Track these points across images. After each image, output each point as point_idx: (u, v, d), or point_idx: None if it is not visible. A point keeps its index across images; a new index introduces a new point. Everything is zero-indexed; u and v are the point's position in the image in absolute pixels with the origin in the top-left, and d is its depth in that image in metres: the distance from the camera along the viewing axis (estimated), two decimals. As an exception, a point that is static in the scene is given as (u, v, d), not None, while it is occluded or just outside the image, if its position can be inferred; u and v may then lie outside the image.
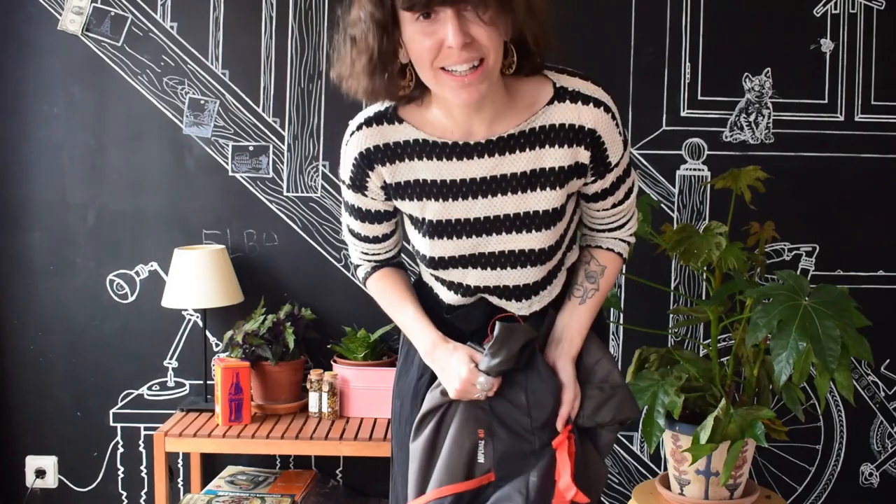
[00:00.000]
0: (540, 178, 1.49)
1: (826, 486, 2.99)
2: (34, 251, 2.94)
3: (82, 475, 3.00)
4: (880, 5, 2.86)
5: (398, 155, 1.50)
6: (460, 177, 1.49)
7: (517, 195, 1.49)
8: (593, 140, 1.48)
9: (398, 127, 1.50)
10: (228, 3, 2.89)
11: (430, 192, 1.51)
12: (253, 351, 2.75)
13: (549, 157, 1.48)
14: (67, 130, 2.92)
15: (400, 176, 1.51)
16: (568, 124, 1.47)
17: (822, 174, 2.90)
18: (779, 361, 2.05)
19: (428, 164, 1.49)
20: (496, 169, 1.48)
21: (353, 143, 1.53)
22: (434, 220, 1.52)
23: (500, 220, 1.51)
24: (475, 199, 1.50)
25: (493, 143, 1.47)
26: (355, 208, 1.61)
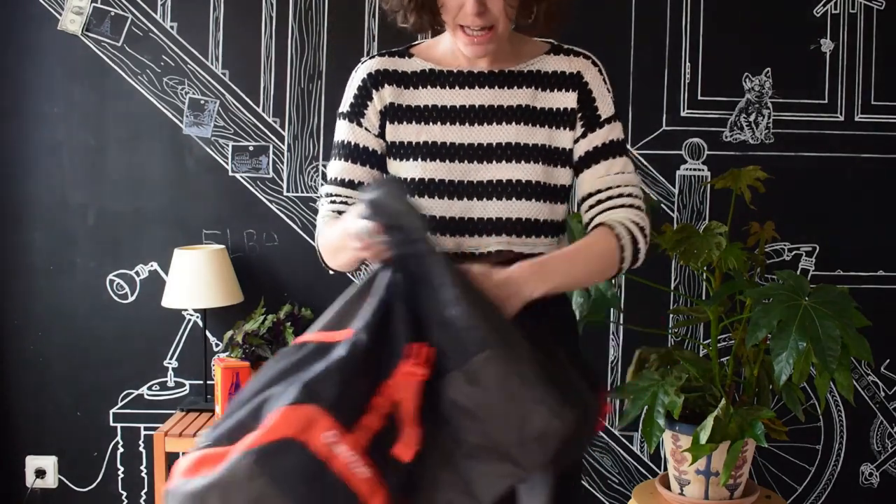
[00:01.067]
0: (535, 115, 1.59)
1: (826, 486, 2.99)
2: (34, 251, 2.94)
3: (82, 475, 3.00)
4: (880, 5, 2.86)
5: (404, 82, 1.61)
6: (460, 103, 1.59)
7: (512, 126, 1.58)
8: (580, 84, 1.60)
9: (408, 60, 1.64)
10: (228, 3, 2.89)
11: (430, 117, 1.60)
12: (253, 351, 2.75)
13: (544, 98, 1.60)
14: (67, 130, 2.92)
15: (403, 100, 1.61)
16: (560, 71, 1.60)
17: (822, 174, 2.90)
18: (779, 361, 2.05)
19: (431, 92, 1.61)
20: (496, 99, 1.59)
21: (361, 69, 1.64)
22: (430, 142, 1.59)
23: (494, 148, 1.58)
24: (472, 125, 1.58)
25: (495, 74, 1.60)
26: (345, 144, 1.64)
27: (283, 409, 1.19)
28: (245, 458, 1.16)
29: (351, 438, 1.18)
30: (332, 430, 1.18)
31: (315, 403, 1.19)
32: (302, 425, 1.17)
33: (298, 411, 1.18)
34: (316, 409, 1.19)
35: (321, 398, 1.19)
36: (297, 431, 1.17)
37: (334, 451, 1.17)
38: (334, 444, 1.17)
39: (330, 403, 1.19)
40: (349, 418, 1.20)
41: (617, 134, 1.61)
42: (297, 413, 1.18)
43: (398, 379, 1.24)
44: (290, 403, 1.19)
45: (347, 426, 1.19)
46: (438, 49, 1.64)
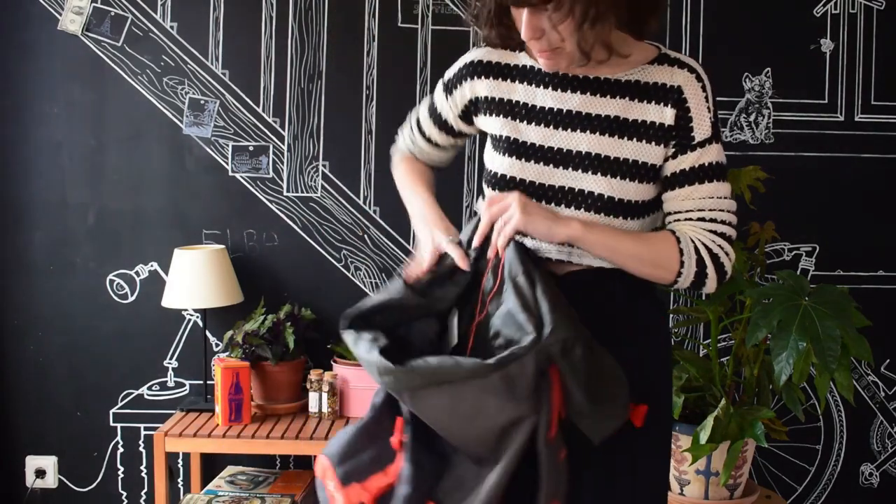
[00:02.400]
0: (625, 127, 1.53)
1: (826, 486, 2.99)
2: (34, 251, 2.94)
3: (82, 475, 3.00)
4: (880, 5, 2.86)
5: (503, 75, 1.62)
6: (550, 105, 1.57)
7: (597, 136, 1.54)
8: (678, 99, 1.52)
9: (516, 53, 1.63)
10: (228, 3, 2.89)
11: (520, 114, 1.59)
12: (253, 351, 2.75)
13: (638, 110, 1.53)
14: (67, 130, 2.92)
15: (497, 92, 1.62)
16: (661, 83, 1.53)
17: (822, 174, 2.90)
18: (779, 361, 2.05)
19: (526, 89, 1.60)
20: (586, 106, 1.55)
21: (471, 52, 1.68)
22: (514, 139, 1.58)
23: (574, 156, 1.54)
24: (557, 129, 1.56)
25: (590, 81, 1.56)
26: (434, 107, 1.76)
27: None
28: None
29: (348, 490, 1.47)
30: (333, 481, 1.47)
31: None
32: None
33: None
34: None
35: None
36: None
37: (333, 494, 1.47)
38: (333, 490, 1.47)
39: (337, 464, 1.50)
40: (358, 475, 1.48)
41: (711, 158, 1.52)
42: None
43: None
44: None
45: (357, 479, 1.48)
46: None
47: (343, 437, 1.51)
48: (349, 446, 1.49)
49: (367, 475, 1.46)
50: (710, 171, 1.53)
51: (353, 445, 1.49)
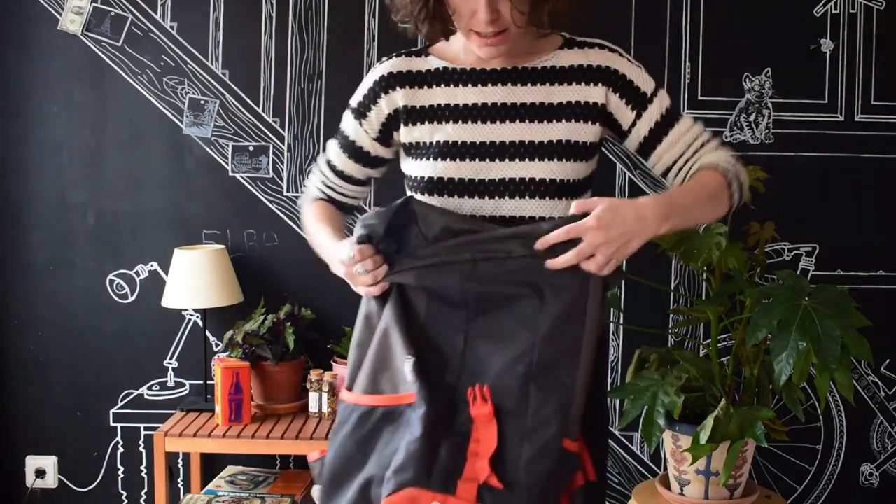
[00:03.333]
0: (550, 111, 1.57)
1: (826, 486, 2.99)
2: (34, 251, 2.94)
3: (82, 475, 3.00)
4: (880, 5, 2.86)
5: (419, 82, 1.63)
6: (473, 101, 1.59)
7: (526, 124, 1.57)
8: (609, 75, 1.58)
9: (424, 59, 1.65)
10: (228, 3, 2.89)
11: (444, 116, 1.60)
12: (253, 351, 2.75)
13: (560, 93, 1.57)
14: (67, 130, 2.92)
15: (417, 100, 1.62)
16: (577, 65, 1.58)
17: (822, 174, 2.90)
18: (779, 361, 2.05)
19: (445, 90, 1.61)
20: (509, 97, 1.58)
21: (378, 68, 1.67)
22: (443, 141, 1.59)
23: (507, 147, 1.57)
24: (485, 123, 1.58)
25: (508, 72, 1.59)
26: (344, 136, 1.71)
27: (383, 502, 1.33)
28: None
29: (453, 500, 1.32)
30: (434, 499, 1.31)
31: (409, 486, 1.32)
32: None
33: (398, 500, 1.32)
34: (411, 490, 1.32)
35: (412, 481, 1.32)
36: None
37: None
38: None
39: (421, 481, 1.32)
40: (446, 483, 1.32)
41: (668, 102, 1.60)
42: (399, 500, 1.32)
43: (476, 424, 1.38)
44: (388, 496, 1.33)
45: (447, 490, 1.32)
46: (453, 47, 1.65)
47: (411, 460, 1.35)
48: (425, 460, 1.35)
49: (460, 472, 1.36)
50: (675, 111, 1.61)
51: (429, 457, 1.36)
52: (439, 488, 1.32)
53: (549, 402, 1.39)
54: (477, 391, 1.39)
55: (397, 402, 1.42)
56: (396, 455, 1.36)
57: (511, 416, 1.38)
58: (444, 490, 1.31)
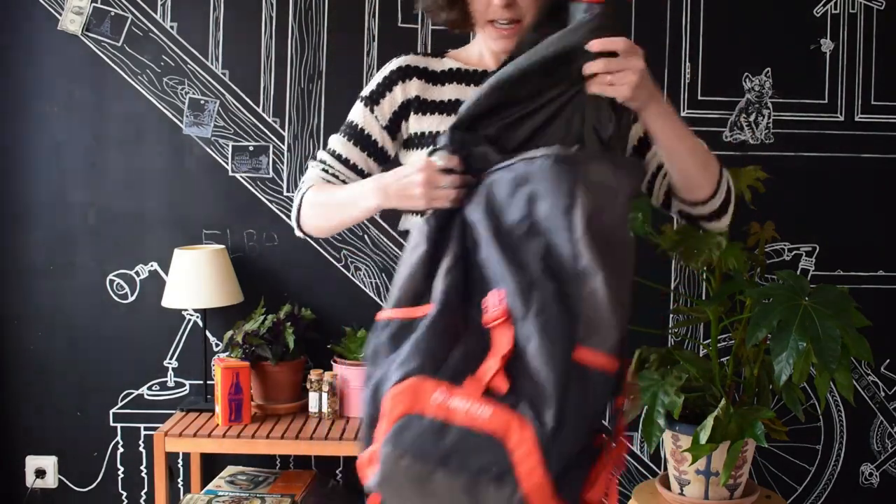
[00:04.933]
0: None
1: (826, 486, 2.99)
2: (34, 251, 2.94)
3: (82, 475, 3.00)
4: (880, 5, 2.86)
5: (433, 79, 1.68)
6: None
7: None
8: None
9: (440, 60, 1.70)
10: (228, 3, 2.89)
11: (452, 110, 1.61)
12: (253, 351, 2.75)
13: None
14: (67, 130, 2.92)
15: (429, 95, 1.67)
16: None
17: (822, 174, 2.90)
18: (779, 361, 2.05)
19: (456, 88, 1.66)
20: None
21: (395, 61, 1.70)
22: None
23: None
24: None
25: None
26: (352, 125, 1.71)
27: (388, 393, 1.28)
28: (385, 449, 1.27)
29: (462, 391, 1.25)
30: (438, 388, 1.25)
31: (413, 376, 1.27)
32: (409, 399, 1.26)
33: (401, 389, 1.27)
34: (415, 380, 1.26)
35: (416, 370, 1.27)
36: (408, 406, 1.26)
37: (449, 405, 1.24)
38: (446, 400, 1.25)
39: (426, 370, 1.27)
40: (454, 377, 1.26)
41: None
42: (400, 391, 1.27)
43: (492, 331, 1.29)
44: (392, 386, 1.27)
45: (454, 381, 1.26)
46: (468, 53, 1.71)
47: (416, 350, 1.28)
48: (432, 350, 1.28)
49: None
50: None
51: (436, 348, 1.29)
52: (446, 378, 1.26)
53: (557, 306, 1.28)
54: (494, 297, 1.31)
55: (416, 315, 1.34)
56: (403, 347, 1.31)
57: (522, 320, 1.28)
58: (451, 380, 1.26)
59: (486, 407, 1.23)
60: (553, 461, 1.22)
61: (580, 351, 1.26)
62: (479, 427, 1.23)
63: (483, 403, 1.24)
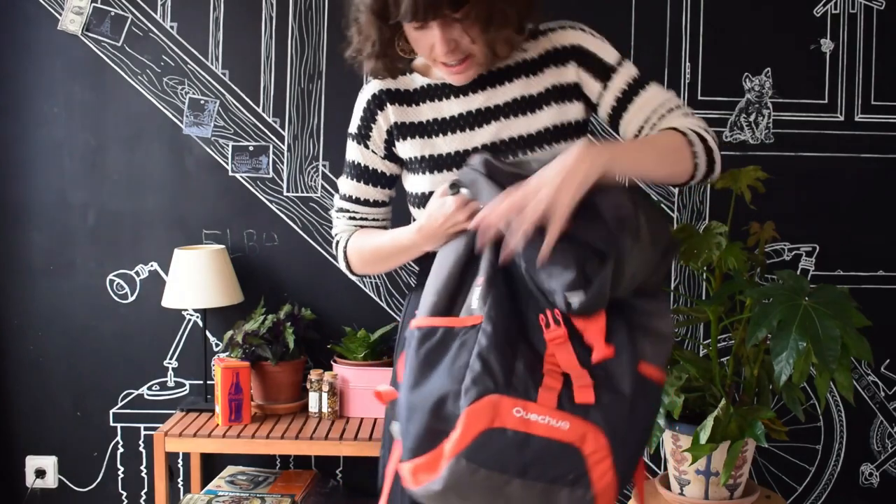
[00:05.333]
0: (530, 101, 1.59)
1: (826, 486, 2.99)
2: (34, 251, 2.94)
3: (82, 475, 3.00)
4: (880, 5, 2.86)
5: (406, 100, 1.65)
6: (458, 111, 1.61)
7: (512, 119, 1.59)
8: (573, 51, 1.59)
9: (409, 77, 1.67)
10: (228, 3, 2.89)
11: (432, 130, 1.62)
12: (253, 351, 2.75)
13: (535, 83, 1.60)
14: (67, 130, 2.92)
15: (407, 117, 1.65)
16: (544, 50, 1.60)
17: (822, 174, 2.90)
18: (779, 361, 2.05)
19: (431, 106, 1.63)
20: (490, 100, 1.60)
21: (366, 90, 1.69)
22: (434, 155, 1.61)
23: (497, 146, 1.59)
24: (472, 130, 1.60)
25: (484, 77, 1.60)
26: (355, 165, 1.72)
27: (465, 411, 1.31)
28: (458, 462, 1.30)
29: (537, 406, 1.32)
30: (517, 405, 1.31)
31: (490, 394, 1.32)
32: (490, 415, 1.30)
33: (480, 407, 1.31)
34: (494, 397, 1.31)
35: (493, 388, 1.32)
36: (489, 422, 1.31)
37: (529, 419, 1.31)
38: (525, 415, 1.31)
39: (503, 388, 1.32)
40: (526, 391, 1.33)
41: (634, 71, 1.61)
42: (480, 408, 1.31)
43: (550, 347, 1.37)
44: (470, 404, 1.32)
45: (528, 398, 1.32)
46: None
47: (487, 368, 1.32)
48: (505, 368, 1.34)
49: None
50: (642, 80, 1.61)
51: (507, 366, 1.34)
52: (521, 395, 1.32)
53: (620, 326, 1.39)
54: (549, 316, 1.38)
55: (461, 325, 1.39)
56: (472, 365, 1.34)
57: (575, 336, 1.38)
58: (525, 397, 1.32)
59: (564, 420, 1.32)
60: (620, 462, 1.33)
61: (643, 365, 1.38)
62: (558, 438, 1.31)
63: (560, 416, 1.32)
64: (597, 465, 1.32)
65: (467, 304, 1.41)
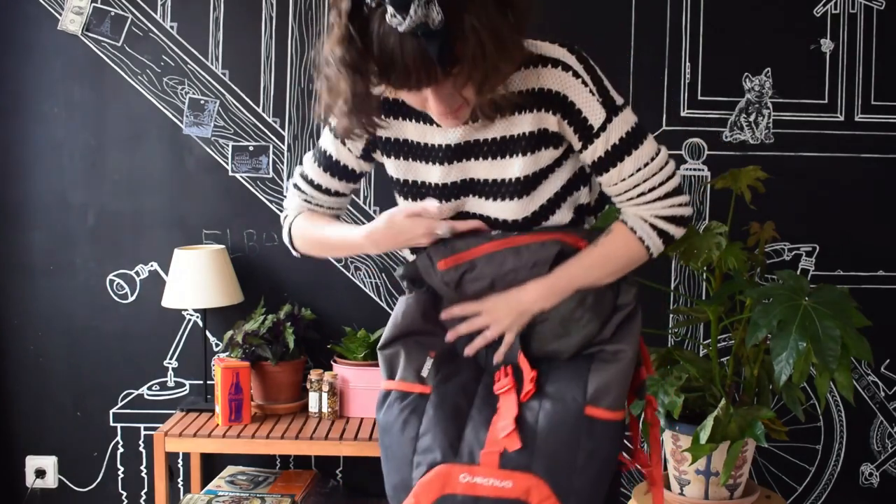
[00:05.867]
0: (509, 144, 1.51)
1: (826, 486, 2.99)
2: (34, 251, 2.94)
3: (82, 475, 3.00)
4: (880, 5, 2.86)
5: (394, 112, 1.56)
6: (439, 142, 1.54)
7: (488, 161, 1.53)
8: (560, 103, 1.48)
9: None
10: (228, 3, 2.89)
11: (411, 153, 1.57)
12: (253, 351, 2.75)
13: (518, 123, 1.50)
14: (67, 130, 2.92)
15: (391, 132, 1.58)
16: (530, 89, 1.48)
17: (822, 174, 2.90)
18: (779, 361, 2.05)
19: (415, 126, 1.55)
20: (471, 135, 1.53)
21: None
22: (411, 181, 1.58)
23: (471, 184, 1.55)
24: (451, 163, 1.54)
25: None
26: (325, 154, 1.68)
27: (418, 483, 1.47)
28: None
29: (481, 468, 1.45)
30: (463, 472, 1.45)
31: (437, 465, 1.47)
32: (440, 484, 1.45)
33: (431, 478, 1.46)
34: (442, 468, 1.46)
35: (440, 459, 1.47)
36: (440, 490, 1.46)
37: (475, 482, 1.44)
38: (472, 479, 1.45)
39: (448, 457, 1.47)
40: (471, 456, 1.46)
41: (618, 133, 1.50)
42: (431, 479, 1.46)
43: (500, 397, 1.52)
44: (420, 478, 1.47)
45: (473, 462, 1.46)
46: None
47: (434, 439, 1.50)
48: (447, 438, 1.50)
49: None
50: (623, 145, 1.50)
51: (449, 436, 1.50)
52: (466, 461, 1.46)
53: (568, 370, 1.52)
54: (501, 372, 1.54)
55: (411, 391, 1.56)
56: (421, 439, 1.50)
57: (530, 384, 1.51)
58: (470, 461, 1.45)
59: (506, 480, 1.43)
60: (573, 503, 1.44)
61: (590, 409, 1.48)
62: (505, 496, 1.43)
63: (503, 476, 1.43)
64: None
65: (415, 367, 1.56)
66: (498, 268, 1.52)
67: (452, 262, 1.54)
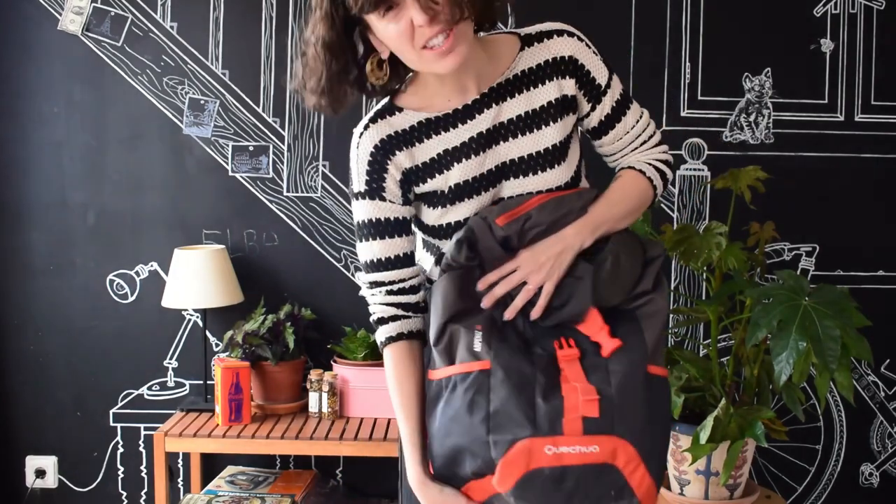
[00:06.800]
0: (537, 116, 1.57)
1: (826, 486, 2.99)
2: (34, 251, 2.94)
3: (82, 475, 3.00)
4: (880, 5, 2.86)
5: (410, 140, 1.57)
6: (467, 136, 1.56)
7: (520, 138, 1.57)
8: (573, 65, 1.58)
9: (400, 116, 1.57)
10: (228, 3, 2.89)
11: (447, 162, 1.57)
12: (253, 351, 2.75)
13: (538, 95, 1.57)
14: (67, 130, 2.92)
15: (418, 158, 1.57)
16: (543, 61, 1.57)
17: (822, 174, 2.90)
18: (779, 361, 2.05)
19: (439, 139, 1.57)
20: (497, 118, 1.57)
21: (364, 142, 1.57)
22: (453, 185, 1.57)
23: (509, 166, 1.57)
24: (485, 151, 1.56)
25: (487, 94, 1.56)
26: (373, 223, 1.59)
27: (500, 462, 1.41)
28: (509, 498, 1.42)
29: (565, 438, 1.40)
30: (546, 444, 1.40)
31: (519, 440, 1.41)
32: (525, 460, 1.40)
33: (515, 454, 1.41)
34: (524, 443, 1.41)
35: (520, 434, 1.41)
36: (525, 466, 1.40)
37: (561, 452, 1.40)
38: (557, 450, 1.40)
39: (528, 432, 1.41)
40: (552, 427, 1.41)
41: (618, 91, 1.62)
42: (515, 456, 1.41)
43: (563, 366, 1.46)
44: (503, 455, 1.41)
45: (555, 432, 1.41)
46: (422, 95, 1.58)
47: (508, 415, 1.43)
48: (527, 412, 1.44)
49: None
50: (624, 102, 1.62)
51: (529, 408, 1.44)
52: (547, 432, 1.40)
53: (622, 328, 1.50)
54: (562, 341, 1.50)
55: (469, 370, 1.48)
56: (493, 416, 1.44)
57: (589, 353, 1.48)
58: (552, 433, 1.40)
59: (592, 445, 1.40)
60: (652, 463, 1.42)
61: (651, 367, 1.47)
62: (592, 461, 1.40)
63: (588, 442, 1.40)
64: (633, 474, 1.40)
65: (467, 345, 1.49)
66: (551, 214, 1.54)
67: (511, 216, 1.55)
